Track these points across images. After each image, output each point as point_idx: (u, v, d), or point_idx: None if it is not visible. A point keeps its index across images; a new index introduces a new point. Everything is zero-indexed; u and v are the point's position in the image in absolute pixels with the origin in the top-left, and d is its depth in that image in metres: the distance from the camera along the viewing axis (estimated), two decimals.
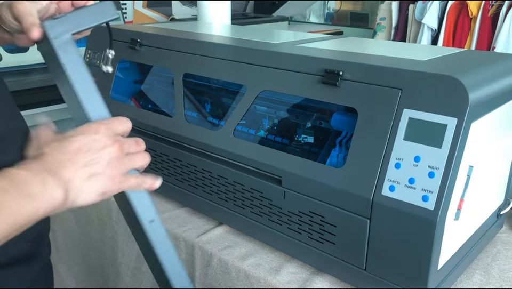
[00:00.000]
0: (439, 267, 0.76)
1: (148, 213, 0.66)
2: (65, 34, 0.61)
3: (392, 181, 0.74)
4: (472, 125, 0.71)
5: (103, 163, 0.59)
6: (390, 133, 0.75)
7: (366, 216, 0.78)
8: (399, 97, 0.75)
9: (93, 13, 0.64)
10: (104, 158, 0.59)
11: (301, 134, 1.03)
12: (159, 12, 2.75)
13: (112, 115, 0.66)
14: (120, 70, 1.31)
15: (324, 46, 1.00)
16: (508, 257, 0.95)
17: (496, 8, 2.28)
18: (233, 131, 0.98)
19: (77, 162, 0.58)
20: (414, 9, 2.59)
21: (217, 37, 1.19)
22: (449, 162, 0.69)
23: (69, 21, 0.62)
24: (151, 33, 1.19)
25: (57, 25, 0.61)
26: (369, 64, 0.80)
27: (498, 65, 0.88)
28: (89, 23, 0.64)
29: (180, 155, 1.10)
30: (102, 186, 0.60)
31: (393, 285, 0.78)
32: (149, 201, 0.66)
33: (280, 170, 0.89)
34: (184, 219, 1.11)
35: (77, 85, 0.61)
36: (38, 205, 0.54)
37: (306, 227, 0.88)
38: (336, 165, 0.87)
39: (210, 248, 1.00)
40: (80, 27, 0.63)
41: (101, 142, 0.60)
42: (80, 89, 0.61)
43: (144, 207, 0.66)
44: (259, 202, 0.95)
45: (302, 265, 0.93)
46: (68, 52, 0.61)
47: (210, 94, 1.21)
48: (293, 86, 0.90)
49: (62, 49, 0.61)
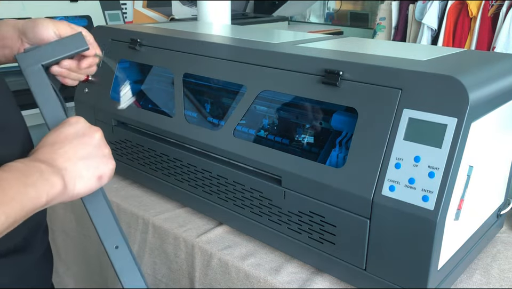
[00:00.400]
0: (439, 267, 0.76)
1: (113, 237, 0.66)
2: (34, 65, 0.68)
3: (392, 181, 0.74)
4: (472, 125, 0.71)
5: (92, 147, 0.63)
6: (390, 133, 0.75)
7: (366, 216, 0.78)
8: (399, 97, 0.75)
9: (64, 45, 0.70)
10: (91, 142, 0.63)
11: (301, 134, 1.03)
12: (159, 12, 2.75)
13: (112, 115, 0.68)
14: (120, 70, 1.30)
15: (324, 46, 1.00)
16: (508, 257, 0.95)
17: (496, 8, 2.28)
18: (233, 131, 0.98)
19: (66, 150, 0.61)
20: (414, 9, 2.59)
21: (217, 37, 1.19)
22: (449, 162, 0.69)
23: (39, 53, 0.69)
24: (151, 33, 1.19)
25: (27, 57, 0.68)
26: (369, 64, 0.80)
27: (498, 65, 0.88)
28: (60, 54, 0.70)
29: (180, 155, 1.10)
30: (97, 169, 0.63)
31: (393, 285, 0.78)
32: (114, 224, 0.67)
33: (280, 170, 0.89)
34: (184, 219, 1.11)
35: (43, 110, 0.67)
36: (40, 192, 0.56)
37: (306, 227, 0.88)
38: (336, 165, 0.87)
39: (210, 248, 1.00)
40: (50, 59, 0.69)
41: (85, 128, 0.64)
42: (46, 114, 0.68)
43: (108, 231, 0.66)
44: (259, 202, 0.95)
45: (302, 265, 0.93)
46: (36, 80, 0.67)
47: (210, 94, 1.21)
48: (293, 86, 0.90)
49: (31, 78, 0.67)
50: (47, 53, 0.69)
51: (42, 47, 0.69)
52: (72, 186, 0.60)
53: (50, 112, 0.67)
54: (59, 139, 0.62)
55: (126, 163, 1.26)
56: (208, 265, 1.00)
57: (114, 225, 0.67)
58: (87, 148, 0.63)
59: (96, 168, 0.63)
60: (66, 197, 0.60)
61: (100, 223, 0.66)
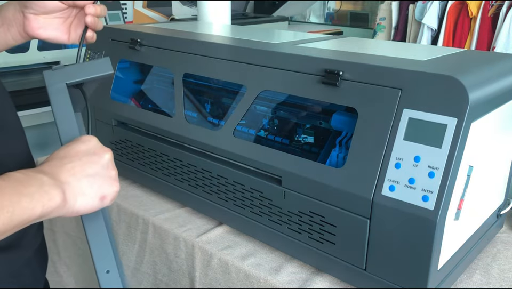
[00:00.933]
0: (439, 267, 0.76)
1: (106, 261, 0.67)
2: (59, 83, 0.69)
3: (392, 181, 0.74)
4: (472, 125, 0.71)
5: (99, 167, 0.63)
6: (390, 133, 0.75)
7: (366, 216, 0.78)
8: (399, 97, 0.75)
9: (90, 68, 0.71)
10: (100, 161, 0.63)
11: (301, 134, 1.03)
12: (159, 12, 2.75)
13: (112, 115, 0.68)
14: (120, 70, 1.31)
15: (324, 46, 1.00)
16: (508, 257, 0.95)
17: (496, 8, 2.28)
18: (233, 131, 0.98)
19: (74, 165, 0.61)
20: (414, 9, 2.59)
21: (217, 37, 1.19)
22: (449, 162, 0.69)
23: (65, 72, 0.70)
24: (151, 33, 1.19)
25: (54, 75, 0.69)
26: (369, 64, 0.80)
27: (498, 65, 0.88)
28: (84, 76, 0.71)
29: (180, 155, 1.10)
30: (100, 189, 0.62)
31: (393, 285, 0.78)
32: (109, 248, 0.67)
33: (280, 170, 0.89)
34: (184, 219, 1.11)
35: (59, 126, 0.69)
36: (35, 204, 0.55)
37: (306, 227, 0.88)
38: (336, 165, 0.87)
39: (210, 248, 1.00)
40: (75, 79, 0.70)
41: (96, 148, 0.64)
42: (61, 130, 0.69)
43: (102, 253, 0.66)
44: (259, 202, 0.95)
45: (302, 265, 0.93)
46: (59, 98, 0.69)
47: (210, 94, 1.21)
48: (293, 86, 0.90)
49: (54, 95, 0.68)
50: (73, 73, 0.70)
51: (69, 67, 0.70)
52: (73, 202, 0.60)
53: (66, 129, 0.68)
54: (69, 154, 0.62)
55: (126, 163, 1.26)
56: (208, 265, 1.00)
57: (109, 248, 0.67)
58: (94, 167, 0.62)
59: (100, 188, 0.63)
60: (66, 212, 0.60)
61: (95, 244, 0.67)
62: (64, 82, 0.69)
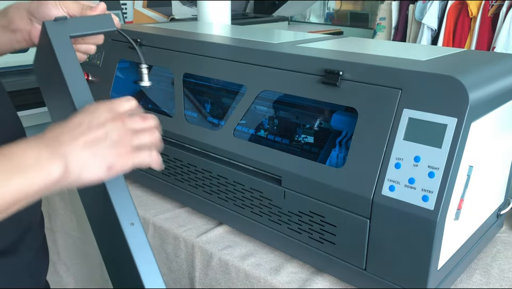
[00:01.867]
0: (439, 267, 0.76)
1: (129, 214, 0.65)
2: (63, 35, 0.65)
3: (392, 181, 0.74)
4: (472, 125, 0.71)
5: (105, 137, 0.58)
6: (390, 133, 0.75)
7: (366, 216, 0.78)
8: (399, 97, 0.75)
9: (92, 22, 0.69)
10: (105, 132, 0.58)
11: (301, 134, 1.03)
12: (159, 12, 2.75)
13: None
14: (120, 70, 1.31)
15: (324, 46, 1.00)
16: (508, 257, 0.95)
17: (496, 8, 2.28)
18: (233, 131, 0.98)
19: (76, 136, 0.56)
20: (414, 9, 2.59)
21: (217, 37, 1.18)
22: (449, 162, 0.69)
23: (69, 24, 0.67)
24: (151, 33, 1.19)
25: (57, 26, 0.65)
26: (369, 64, 0.80)
27: (498, 65, 0.88)
28: (88, 30, 0.69)
29: (180, 155, 1.10)
30: (106, 160, 0.58)
31: (393, 285, 0.78)
32: (130, 202, 0.65)
33: (280, 170, 0.89)
34: (184, 219, 1.11)
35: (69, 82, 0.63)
36: (30, 178, 0.52)
37: (306, 227, 0.88)
38: (336, 165, 0.87)
39: (210, 248, 1.00)
40: (78, 32, 0.67)
41: (101, 117, 0.59)
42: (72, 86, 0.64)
43: (125, 207, 0.64)
44: (259, 202, 0.95)
45: (302, 265, 0.93)
46: (65, 51, 0.64)
47: (210, 94, 1.21)
48: (293, 86, 0.90)
49: (60, 48, 0.64)
50: (77, 25, 0.67)
51: (73, 19, 0.67)
52: (77, 174, 0.56)
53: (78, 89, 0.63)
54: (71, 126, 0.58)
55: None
56: (208, 265, 1.00)
57: (130, 201, 0.65)
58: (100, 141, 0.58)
59: (107, 159, 0.58)
60: (66, 184, 0.56)
61: (117, 197, 0.64)
62: (68, 34, 0.66)
